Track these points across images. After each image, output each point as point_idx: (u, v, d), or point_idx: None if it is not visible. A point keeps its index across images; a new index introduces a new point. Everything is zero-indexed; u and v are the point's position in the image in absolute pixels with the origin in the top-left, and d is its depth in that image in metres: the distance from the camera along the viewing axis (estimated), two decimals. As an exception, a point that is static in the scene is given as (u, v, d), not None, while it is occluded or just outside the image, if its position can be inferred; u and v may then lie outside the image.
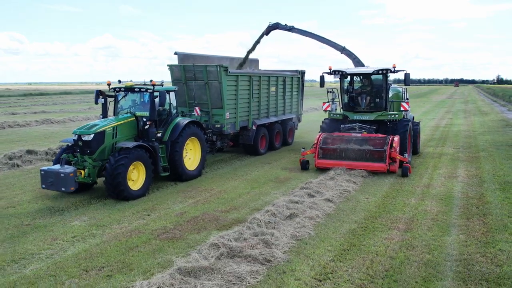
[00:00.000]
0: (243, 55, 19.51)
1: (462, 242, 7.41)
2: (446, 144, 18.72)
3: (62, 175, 9.99)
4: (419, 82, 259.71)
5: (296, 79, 19.48)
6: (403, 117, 14.73)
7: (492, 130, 23.42)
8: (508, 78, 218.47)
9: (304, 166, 13.98)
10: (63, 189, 10.14)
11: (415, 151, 15.86)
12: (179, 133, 12.03)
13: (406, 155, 13.06)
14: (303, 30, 19.52)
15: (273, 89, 17.61)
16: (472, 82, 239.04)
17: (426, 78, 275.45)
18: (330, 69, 14.91)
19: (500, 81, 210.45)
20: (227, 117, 14.92)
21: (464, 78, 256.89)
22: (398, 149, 13.00)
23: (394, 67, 14.10)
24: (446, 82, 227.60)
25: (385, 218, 8.82)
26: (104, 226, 8.66)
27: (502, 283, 5.88)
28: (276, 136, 18.02)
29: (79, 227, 8.62)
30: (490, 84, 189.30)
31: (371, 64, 16.72)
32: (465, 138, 20.55)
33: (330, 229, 8.19)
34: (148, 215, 9.44)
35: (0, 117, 31.89)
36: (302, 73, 19.93)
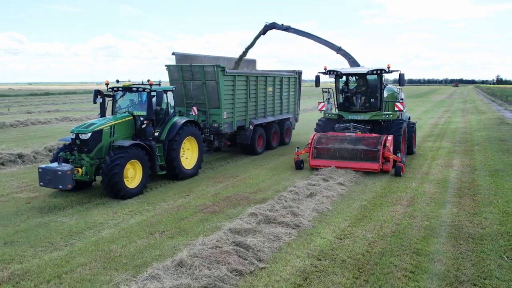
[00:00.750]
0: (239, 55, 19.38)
1: (455, 213, 9.04)
2: (444, 139, 20.29)
3: (59, 173, 10.05)
4: (419, 82, 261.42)
5: (293, 79, 19.44)
6: (398, 117, 14.70)
7: (488, 127, 25.01)
8: (508, 79, 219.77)
9: (299, 165, 13.92)
10: (60, 186, 10.21)
11: (410, 151, 15.80)
12: (176, 132, 12.07)
13: (399, 155, 13.02)
14: (300, 30, 19.53)
15: (270, 89, 17.57)
16: (472, 82, 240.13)
17: (426, 78, 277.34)
18: (325, 69, 14.85)
19: (499, 81, 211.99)
20: (224, 117, 14.92)
21: (464, 78, 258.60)
22: (391, 148, 12.96)
23: (388, 67, 14.01)
24: (446, 82, 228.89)
25: (390, 197, 10.45)
26: (154, 203, 10.24)
27: (484, 239, 7.51)
28: (273, 135, 18.06)
29: (132, 204, 10.21)
30: (490, 84, 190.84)
31: (370, 64, 16.62)
32: (462, 134, 22.07)
33: (345, 205, 9.81)
34: (188, 195, 11.05)
35: (18, 115, 33.44)
36: (299, 73, 19.98)
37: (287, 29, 19.38)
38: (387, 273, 6.24)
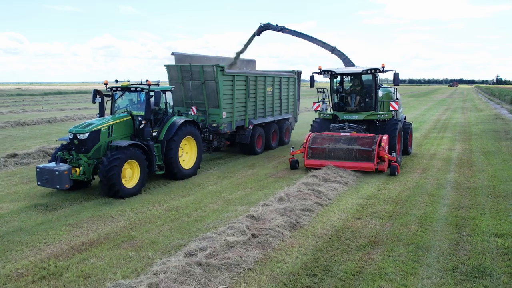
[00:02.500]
0: (240, 56, 19.15)
1: (456, 177, 12.41)
2: (446, 131, 23.61)
3: (56, 172, 9.98)
4: (419, 82, 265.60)
5: (292, 80, 19.16)
6: (393, 116, 14.38)
7: (484, 121, 28.37)
8: (507, 79, 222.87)
9: (294, 165, 13.74)
10: (57, 186, 10.09)
11: (406, 152, 15.54)
12: (174, 132, 11.89)
13: (394, 154, 12.82)
14: (294, 31, 19.27)
15: (269, 89, 17.32)
16: (472, 82, 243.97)
17: (426, 78, 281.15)
18: (319, 69, 14.54)
19: (499, 81, 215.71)
20: (224, 117, 14.73)
21: (464, 79, 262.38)
22: (386, 148, 12.77)
23: (383, 67, 13.74)
24: (446, 82, 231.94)
25: (408, 168, 13.66)
26: (231, 177, 13.75)
27: (477, 189, 10.77)
28: (272, 135, 17.84)
29: (213, 174, 13.53)
30: (490, 84, 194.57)
31: (368, 64, 16.07)
32: (462, 127, 25.34)
33: (374, 174, 13.38)
34: (253, 168, 14.54)
35: (54, 112, 36.65)
36: (299, 73, 19.66)
37: (282, 29, 19.14)
38: (414, 204, 9.64)
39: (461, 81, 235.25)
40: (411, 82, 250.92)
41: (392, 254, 6.62)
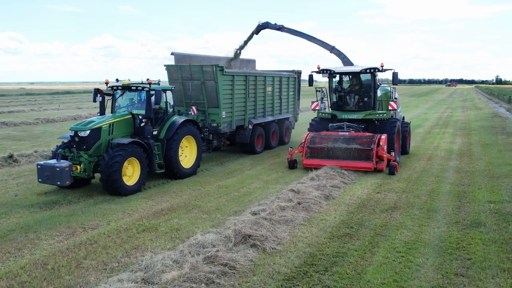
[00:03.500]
0: (240, 56, 20.14)
1: (457, 163, 15.03)
2: (448, 127, 26.56)
3: (57, 169, 10.49)
4: (419, 82, 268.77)
5: (292, 79, 20.13)
6: (392, 116, 15.15)
7: (483, 119, 31.35)
8: (507, 79, 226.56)
9: (292, 165, 14.39)
10: (58, 183, 10.70)
11: (404, 151, 16.45)
12: (174, 131, 12.54)
13: (393, 154, 13.60)
14: (293, 30, 20.10)
15: (269, 89, 18.17)
16: (472, 82, 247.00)
17: (426, 78, 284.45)
18: (318, 68, 15.19)
19: (499, 81, 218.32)
20: (223, 116, 15.50)
21: (464, 79, 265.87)
22: (385, 147, 13.49)
23: (382, 66, 14.46)
24: (446, 82, 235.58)
25: (414, 157, 16.41)
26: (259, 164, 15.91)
27: (475, 172, 13.57)
28: (272, 135, 18.72)
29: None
30: (490, 84, 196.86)
31: (368, 64, 16.64)
32: (462, 124, 28.53)
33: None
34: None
35: (72, 111, 38.83)
36: (299, 73, 20.66)
37: (280, 28, 19.91)
38: (422, 182, 12.33)
39: (461, 81, 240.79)
40: (411, 82, 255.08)
41: (409, 214, 9.11)
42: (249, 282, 6.18)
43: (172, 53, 16.52)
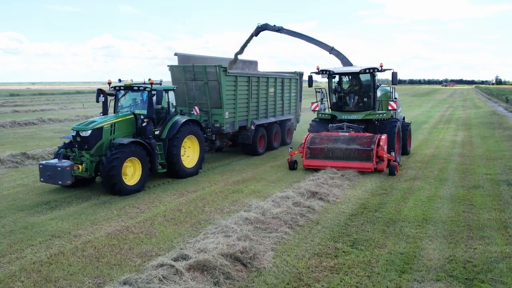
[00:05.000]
0: (240, 57, 20.27)
1: (461, 150, 18.28)
2: (450, 123, 29.95)
3: (59, 168, 10.64)
4: (419, 82, 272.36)
5: (294, 81, 20.38)
6: (391, 116, 15.27)
7: (482, 116, 34.85)
8: (507, 79, 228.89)
9: (292, 166, 14.44)
10: (60, 182, 10.78)
11: (405, 152, 16.61)
12: (177, 131, 12.63)
13: (393, 154, 13.66)
14: (292, 31, 20.27)
15: (271, 90, 18.37)
16: (472, 82, 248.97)
17: (426, 78, 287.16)
18: (317, 69, 15.28)
19: (499, 82, 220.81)
20: (226, 117, 15.61)
21: (464, 79, 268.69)
22: (385, 147, 13.53)
23: (381, 66, 14.57)
24: (446, 82, 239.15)
25: (424, 146, 19.60)
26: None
27: (475, 156, 16.70)
28: (274, 136, 18.90)
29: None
30: (489, 85, 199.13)
31: (368, 64, 16.71)
32: (463, 120, 32.02)
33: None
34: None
35: (98, 109, 41.78)
36: (300, 74, 20.94)
37: (280, 30, 20.06)
38: (433, 163, 15.55)
39: (461, 82, 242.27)
40: (411, 82, 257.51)
41: (426, 181, 12.82)
42: (326, 217, 9.31)
43: (175, 54, 16.77)
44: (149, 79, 12.50)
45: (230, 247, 6.84)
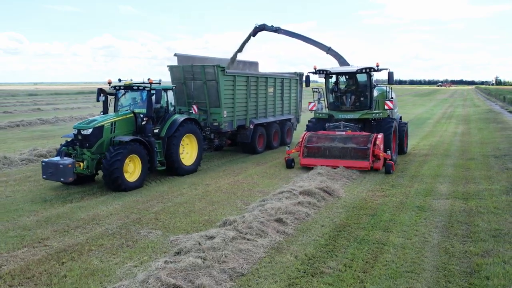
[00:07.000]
0: (241, 57, 20.50)
1: (461, 138, 22.52)
2: (452, 119, 34.48)
3: (61, 166, 10.85)
4: (420, 83, 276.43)
5: (294, 81, 20.59)
6: (388, 115, 15.43)
7: (480, 113, 39.35)
8: (506, 80, 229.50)
9: (289, 164, 14.58)
10: (62, 179, 10.98)
11: (402, 151, 16.85)
12: (175, 129, 12.89)
13: (389, 153, 13.84)
14: (289, 31, 20.49)
15: (270, 90, 18.54)
16: (472, 83, 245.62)
17: (427, 79, 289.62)
18: (315, 69, 15.38)
19: (498, 82, 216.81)
20: (225, 116, 15.76)
21: (464, 79, 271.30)
22: (381, 146, 13.66)
23: (377, 66, 14.72)
24: (446, 82, 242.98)
25: (430, 136, 23.75)
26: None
27: (472, 144, 20.63)
28: (274, 135, 19.06)
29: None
30: (489, 85, 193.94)
31: (367, 64, 16.74)
32: (463, 117, 36.47)
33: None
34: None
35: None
36: (300, 75, 21.14)
37: (277, 30, 20.29)
38: (439, 147, 19.60)
39: (461, 82, 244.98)
40: (412, 82, 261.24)
41: (436, 157, 16.94)
42: (370, 175, 13.25)
43: (175, 54, 17.07)
44: (148, 79, 12.83)
45: (318, 184, 11.29)
